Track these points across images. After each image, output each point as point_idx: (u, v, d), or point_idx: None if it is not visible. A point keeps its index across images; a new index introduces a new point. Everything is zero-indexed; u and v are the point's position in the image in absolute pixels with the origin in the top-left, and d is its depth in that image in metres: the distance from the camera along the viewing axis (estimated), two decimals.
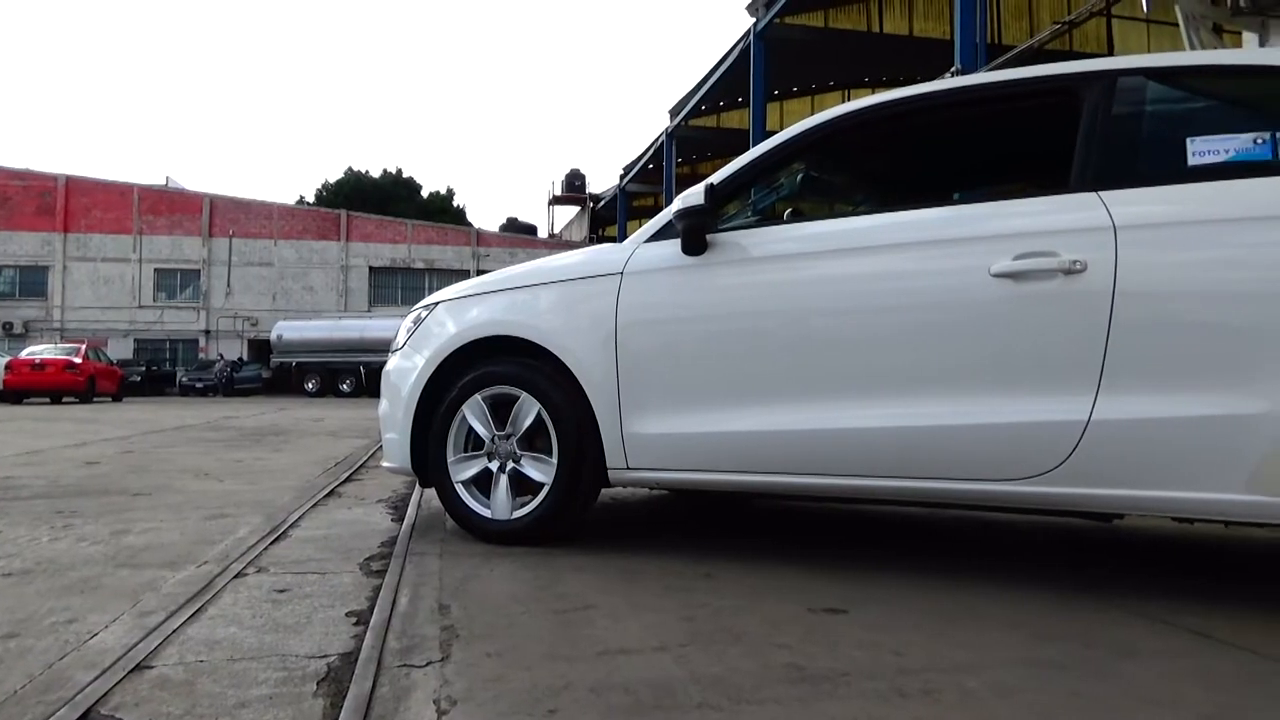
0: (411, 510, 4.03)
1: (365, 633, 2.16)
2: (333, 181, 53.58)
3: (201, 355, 37.44)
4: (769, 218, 3.28)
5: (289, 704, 1.72)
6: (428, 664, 1.95)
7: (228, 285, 38.97)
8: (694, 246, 2.94)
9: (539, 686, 1.81)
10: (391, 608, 2.39)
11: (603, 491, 3.28)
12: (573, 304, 3.16)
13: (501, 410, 3.24)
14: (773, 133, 3.48)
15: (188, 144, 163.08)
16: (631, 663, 1.96)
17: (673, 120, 27.14)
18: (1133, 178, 2.55)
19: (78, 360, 21.77)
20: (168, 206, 39.03)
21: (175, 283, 39.04)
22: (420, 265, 40.32)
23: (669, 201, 3.22)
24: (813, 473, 2.79)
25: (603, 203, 42.35)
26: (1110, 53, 20.08)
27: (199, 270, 38.84)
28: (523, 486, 3.21)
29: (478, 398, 3.25)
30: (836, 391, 2.73)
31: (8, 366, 21.21)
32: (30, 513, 3.97)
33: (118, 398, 24.37)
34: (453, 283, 3.84)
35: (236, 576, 2.75)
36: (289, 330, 33.90)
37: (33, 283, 38.10)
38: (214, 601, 2.46)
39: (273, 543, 3.30)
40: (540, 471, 3.15)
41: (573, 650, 2.04)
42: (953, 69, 11.98)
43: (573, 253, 3.44)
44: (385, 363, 3.71)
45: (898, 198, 3.80)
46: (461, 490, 3.28)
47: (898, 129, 3.26)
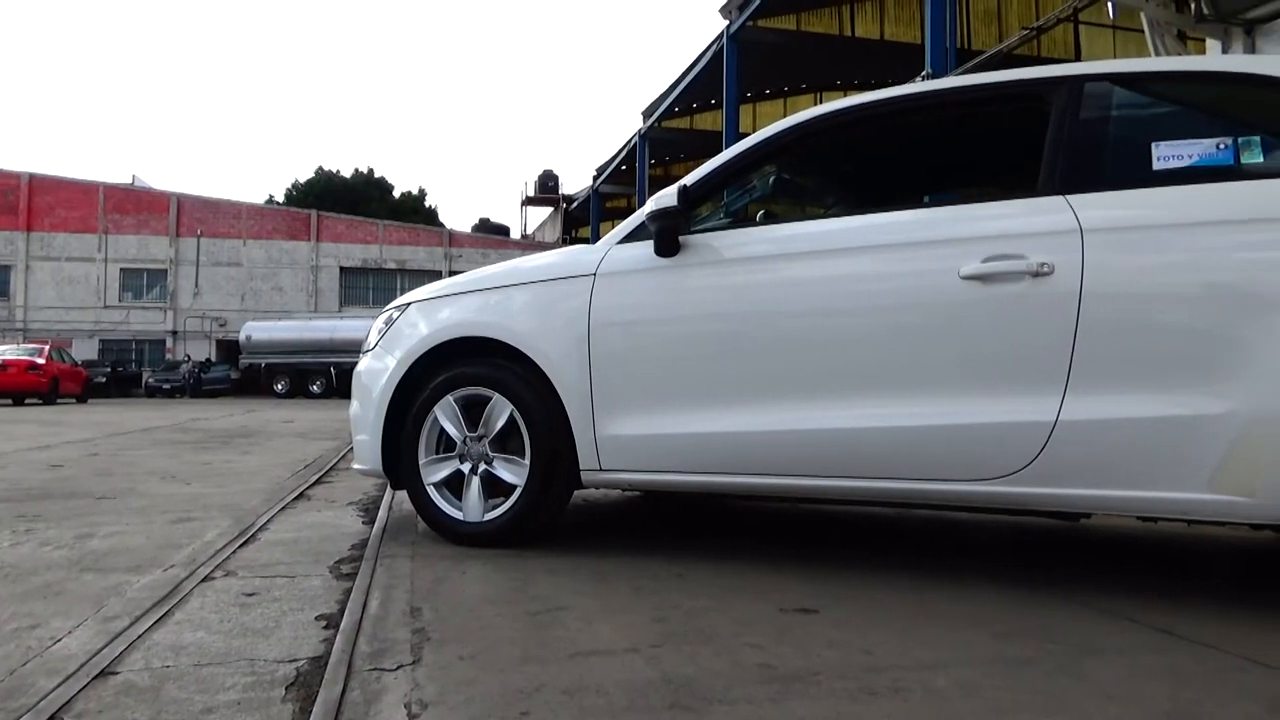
0: (382, 513, 4.00)
1: (335, 636, 2.14)
2: (303, 181, 53.16)
3: (168, 356, 36.95)
4: (742, 220, 3.29)
5: (257, 709, 1.71)
6: (399, 667, 1.94)
7: (195, 285, 38.49)
8: (667, 248, 2.95)
9: (511, 689, 1.81)
10: (362, 611, 2.37)
11: (575, 493, 3.27)
12: (546, 305, 3.15)
13: (474, 412, 3.22)
14: (745, 135, 3.50)
15: (155, 142, 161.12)
16: (604, 664, 1.96)
17: (646, 121, 27.16)
18: (1099, 181, 2.59)
19: (41, 361, 21.43)
20: (134, 205, 38.48)
21: (142, 283, 38.50)
22: (392, 266, 40.06)
23: (642, 203, 3.23)
24: (785, 474, 2.81)
25: (576, 203, 42.30)
26: (1077, 58, 20.35)
27: (166, 270, 38.33)
28: (495, 488, 3.20)
29: (450, 399, 3.24)
30: (808, 393, 2.75)
31: None
32: None
33: (82, 399, 24.00)
34: (425, 284, 3.82)
35: (204, 580, 2.72)
36: (258, 331, 33.57)
37: None
38: (180, 606, 2.43)
39: (241, 546, 3.26)
40: (512, 473, 3.14)
41: (545, 652, 2.04)
42: (923, 73, 12.09)
43: (546, 254, 3.43)
44: (356, 364, 3.68)
45: (869, 200, 3.83)
46: (433, 492, 3.27)
47: (869, 132, 3.28)
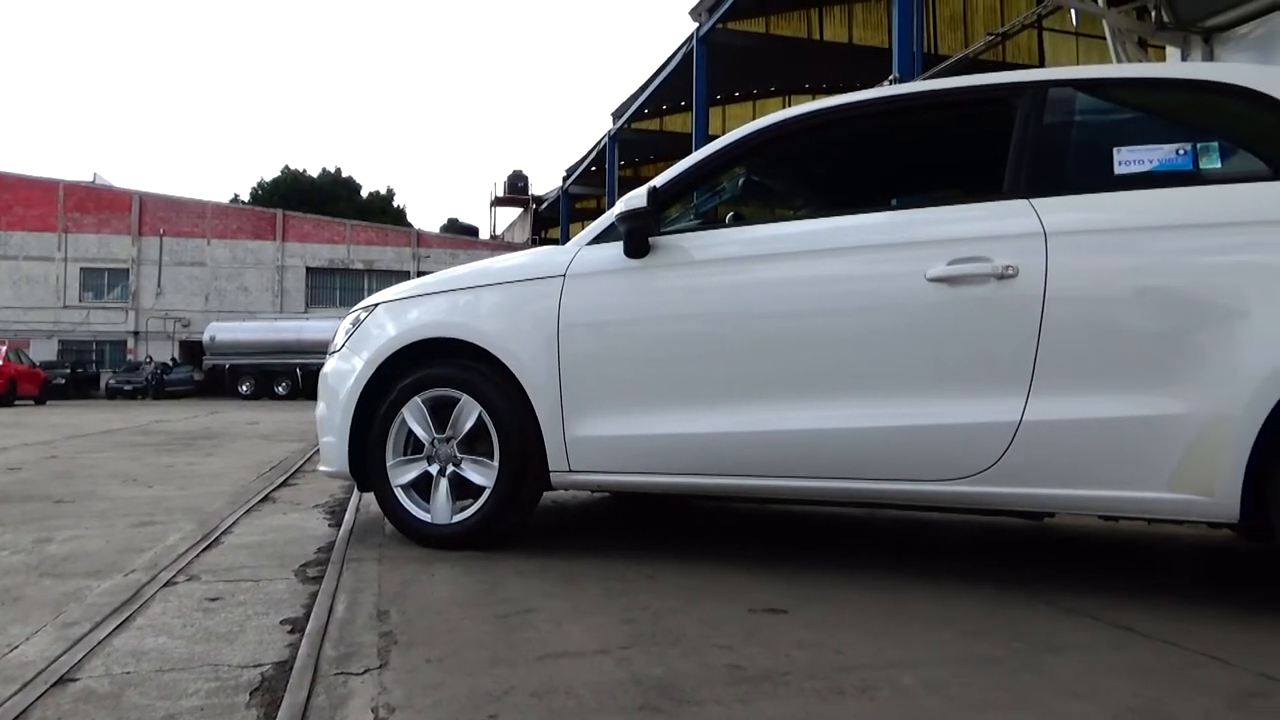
0: (349, 515, 3.96)
1: (301, 640, 2.12)
2: (269, 180, 52.46)
3: (130, 357, 36.32)
4: (711, 221, 3.30)
5: (221, 715, 1.68)
6: (365, 671, 1.92)
7: (158, 285, 37.88)
8: (636, 249, 2.95)
9: (479, 692, 1.80)
10: (328, 615, 2.35)
11: (545, 494, 3.27)
12: (515, 306, 3.14)
13: (442, 413, 3.20)
14: (715, 137, 3.51)
15: (117, 140, 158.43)
16: (573, 666, 1.95)
17: (615, 123, 27.15)
18: (1063, 185, 2.63)
19: None
20: (95, 204, 37.78)
21: (103, 282, 37.82)
22: (359, 266, 39.70)
23: (612, 203, 3.23)
24: (753, 475, 2.82)
25: (545, 204, 42.18)
26: (1041, 64, 20.65)
27: (128, 270, 37.67)
28: (463, 490, 3.18)
29: (418, 400, 3.22)
30: (776, 394, 2.76)
31: None
32: None
33: (40, 401, 23.55)
34: (393, 284, 3.79)
35: (166, 585, 2.68)
36: (222, 331, 33.14)
37: None
38: (142, 611, 2.39)
39: (204, 550, 3.21)
40: (481, 475, 3.13)
41: (514, 654, 2.03)
42: (890, 77, 12.20)
43: (515, 254, 3.42)
44: (322, 365, 3.64)
45: (838, 203, 3.85)
46: (401, 494, 3.24)
47: (838, 135, 3.31)
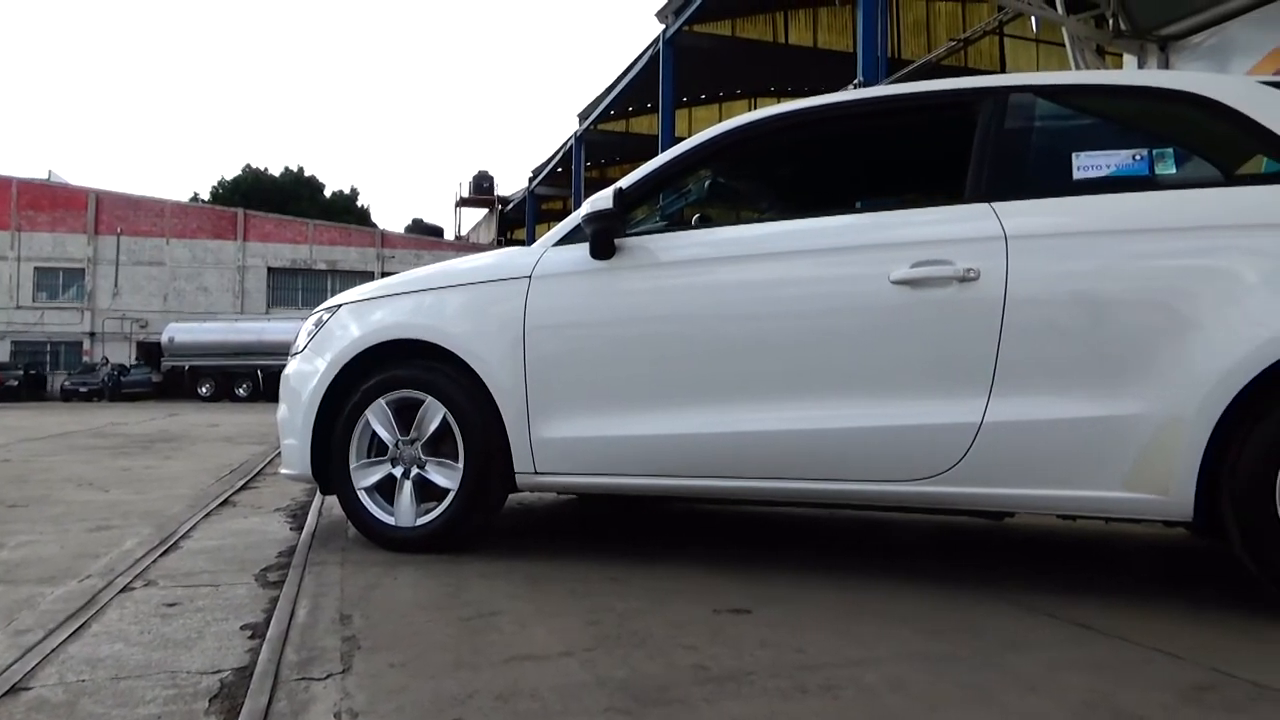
0: (311, 518, 3.92)
1: (261, 646, 2.09)
2: (230, 179, 51.69)
3: (86, 358, 35.61)
4: (677, 223, 3.31)
5: None
6: (328, 676, 1.90)
7: (115, 285, 37.17)
8: (602, 250, 2.95)
9: (443, 695, 1.79)
10: (289, 619, 2.32)
11: (510, 496, 3.25)
12: (480, 307, 3.13)
13: (406, 415, 3.18)
14: (681, 139, 3.52)
15: (72, 137, 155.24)
16: (538, 669, 1.95)
17: (582, 124, 27.13)
18: (1023, 189, 2.67)
19: None
20: (50, 202, 36.99)
21: (58, 282, 37.03)
22: (322, 266, 39.26)
23: (578, 205, 3.22)
24: (719, 476, 2.83)
25: (511, 205, 42.04)
26: (1002, 70, 20.95)
27: (84, 269, 36.93)
28: (428, 492, 3.16)
29: (382, 402, 3.19)
30: (742, 395, 2.77)
31: None
32: None
33: None
34: (356, 285, 3.76)
35: (122, 591, 2.63)
36: (181, 332, 32.63)
37: None
38: (98, 618, 2.34)
39: (162, 555, 3.16)
40: (446, 477, 3.11)
41: (478, 658, 2.02)
42: (855, 81, 12.32)
43: (480, 255, 3.40)
44: (284, 367, 3.60)
45: (803, 205, 3.88)
46: (364, 497, 3.21)
47: (803, 138, 3.33)
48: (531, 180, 35.21)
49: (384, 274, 29.83)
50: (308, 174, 54.03)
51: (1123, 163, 2.64)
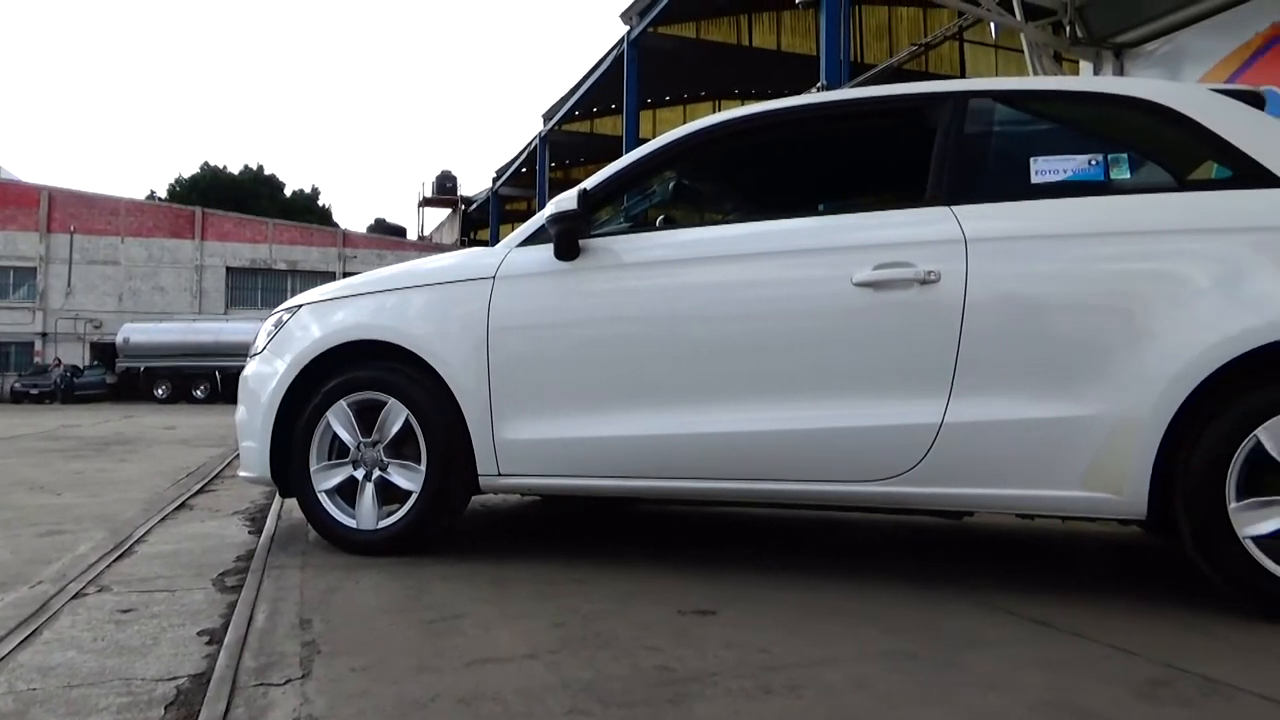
0: (271, 522, 3.86)
1: (219, 652, 2.06)
2: (187, 177, 50.85)
3: (37, 359, 34.78)
4: (642, 224, 3.31)
5: None
6: (287, 682, 1.87)
7: (68, 285, 36.35)
8: (567, 251, 2.94)
9: (406, 700, 1.77)
10: (248, 624, 2.28)
11: (473, 498, 3.23)
12: (444, 308, 3.10)
13: (368, 416, 3.14)
14: (645, 140, 3.53)
15: (23, 133, 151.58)
16: (502, 671, 1.94)
17: (546, 124, 27.03)
18: (982, 193, 2.70)
19: None
20: None
21: (7, 281, 36.12)
22: (282, 266, 38.72)
23: (542, 205, 3.21)
24: (683, 477, 2.83)
25: (475, 205, 41.75)
26: (963, 74, 21.21)
27: (35, 268, 36.06)
28: (390, 495, 3.13)
29: (343, 403, 3.15)
30: (706, 397, 2.78)
31: None
32: None
33: None
34: (317, 285, 3.72)
35: (75, 597, 2.57)
36: (137, 333, 32.00)
37: None
38: (49, 624, 2.29)
39: (116, 560, 3.10)
40: (408, 479, 3.08)
41: (441, 661, 2.00)
42: (818, 84, 12.40)
43: (444, 256, 3.38)
44: (243, 368, 3.54)
45: (767, 207, 3.90)
46: (325, 500, 3.17)
47: (766, 141, 3.35)
48: (495, 180, 35.02)
49: (345, 274, 29.50)
50: (268, 172, 53.30)
51: (1079, 167, 2.69)
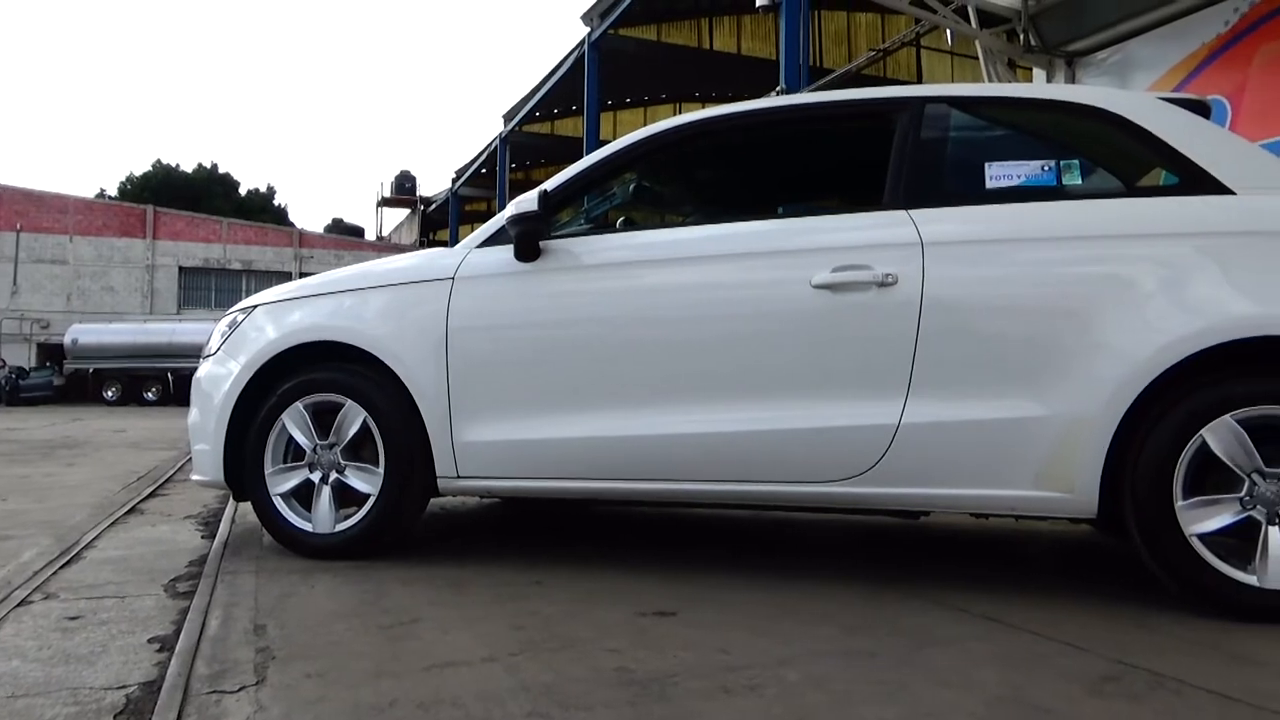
0: (224, 526, 3.80)
1: (170, 659, 2.02)
2: (139, 175, 49.70)
3: None
4: (602, 225, 3.31)
5: None
6: (240, 689, 1.84)
7: (14, 284, 35.39)
8: (527, 252, 2.93)
9: (363, 705, 1.75)
10: (200, 631, 2.24)
11: (432, 501, 3.20)
12: (402, 309, 3.08)
13: (325, 419, 3.10)
14: (606, 142, 3.52)
15: None
16: (460, 675, 1.92)
17: (506, 125, 26.91)
18: (939, 197, 2.75)
19: None
20: None
21: None
22: (237, 266, 38.07)
23: (502, 206, 3.20)
24: (643, 478, 2.84)
25: (434, 206, 41.39)
26: (920, 80, 21.49)
27: None
28: (347, 498, 3.09)
29: (299, 405, 3.11)
30: (666, 398, 2.78)
31: None
32: None
33: None
34: (273, 285, 3.66)
35: (20, 605, 2.50)
36: (85, 334, 31.24)
37: None
38: None
39: (63, 566, 3.02)
40: (366, 482, 3.05)
41: (399, 666, 1.98)
42: (778, 88, 12.49)
43: (403, 256, 3.35)
44: (196, 369, 3.48)
45: (727, 209, 3.91)
46: (280, 503, 3.12)
47: (727, 143, 3.37)
48: (455, 181, 34.75)
49: (302, 274, 29.15)
50: (222, 171, 52.32)
51: (1032, 173, 2.74)
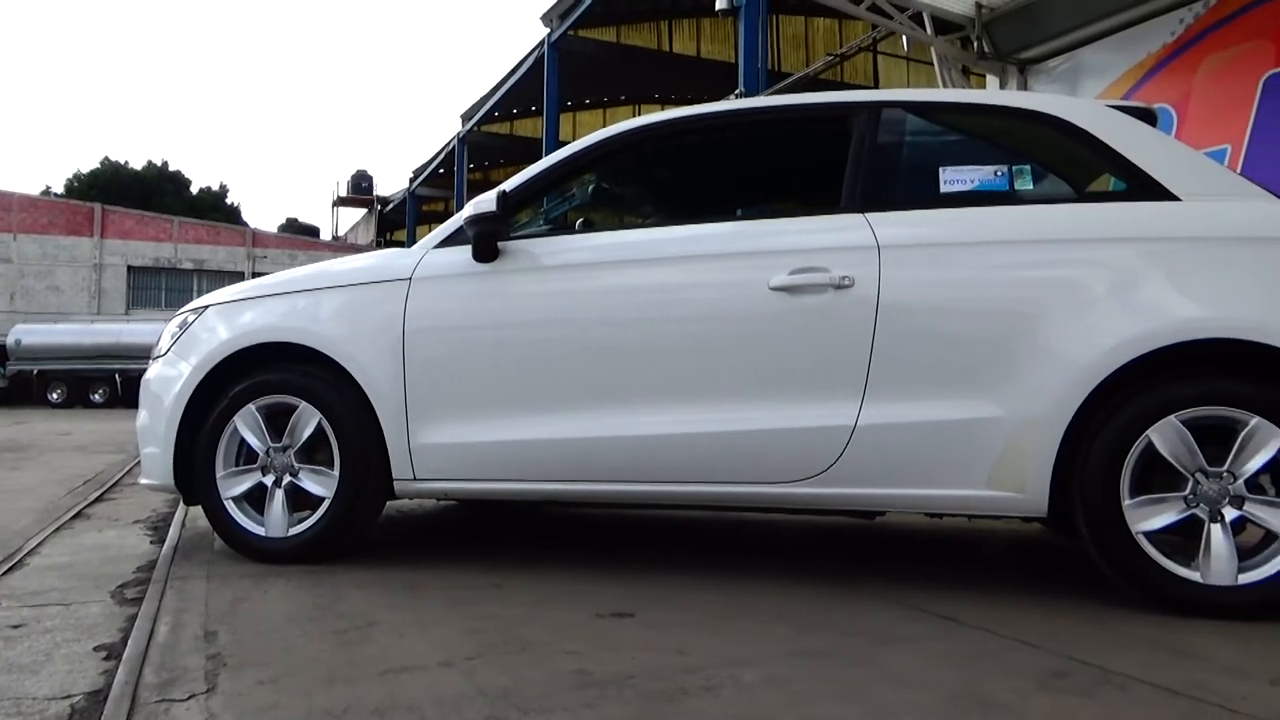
0: (174, 531, 3.72)
1: (117, 667, 1.97)
2: (86, 172, 48.51)
3: None
4: (561, 227, 3.30)
5: None
6: (190, 697, 1.80)
7: None
8: (485, 253, 2.91)
9: (316, 712, 1.72)
10: (149, 638, 2.19)
11: (388, 504, 3.17)
12: (358, 310, 3.04)
13: (278, 421, 3.05)
14: (565, 143, 3.52)
15: None
16: (416, 680, 1.90)
17: (465, 125, 26.72)
18: (895, 201, 2.78)
19: None
20: None
21: None
22: (188, 266, 37.34)
23: (460, 207, 3.18)
24: (600, 480, 2.83)
25: (391, 205, 40.99)
26: (876, 85, 21.77)
27: None
28: (301, 501, 3.04)
29: (251, 407, 3.05)
30: (623, 399, 2.78)
31: None
32: None
33: None
34: (225, 285, 3.60)
35: None
36: (29, 334, 30.39)
37: None
38: None
39: (6, 573, 2.94)
40: (320, 485, 3.00)
41: (354, 671, 1.96)
42: (736, 91, 12.56)
43: (359, 256, 3.31)
44: (145, 371, 3.40)
45: (686, 211, 3.93)
46: (232, 507, 3.07)
47: (686, 145, 3.38)
48: (412, 181, 34.46)
49: (255, 274, 28.68)
50: (173, 169, 51.27)
51: (985, 178, 2.79)
